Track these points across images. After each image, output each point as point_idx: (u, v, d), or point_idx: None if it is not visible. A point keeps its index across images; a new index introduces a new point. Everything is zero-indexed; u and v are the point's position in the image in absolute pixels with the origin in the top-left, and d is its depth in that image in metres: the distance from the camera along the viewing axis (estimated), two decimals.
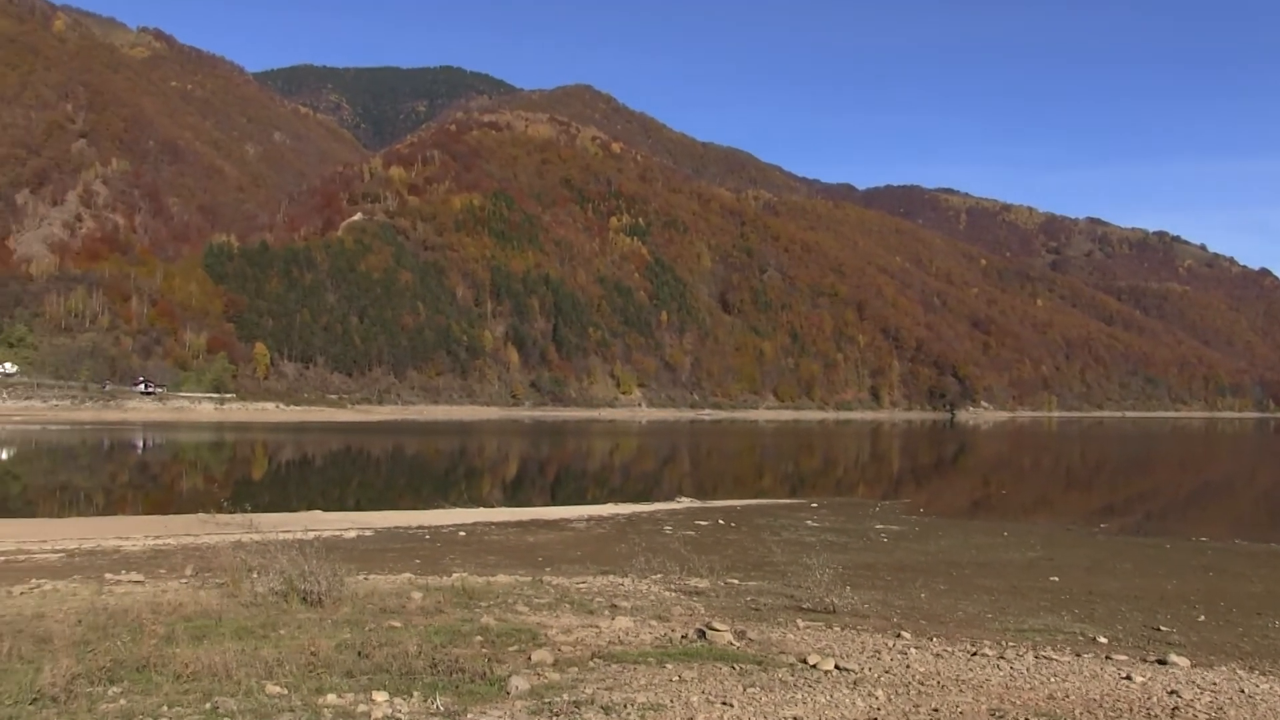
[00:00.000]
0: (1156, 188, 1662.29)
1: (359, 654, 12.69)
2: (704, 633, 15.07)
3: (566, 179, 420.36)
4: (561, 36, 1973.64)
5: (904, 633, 16.49)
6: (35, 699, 10.29)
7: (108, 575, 21.74)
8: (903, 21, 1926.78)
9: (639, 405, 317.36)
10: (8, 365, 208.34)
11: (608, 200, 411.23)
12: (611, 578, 22.64)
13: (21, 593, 18.57)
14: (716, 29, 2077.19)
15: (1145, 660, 15.07)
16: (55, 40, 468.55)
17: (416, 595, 17.87)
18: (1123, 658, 15.11)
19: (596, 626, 15.68)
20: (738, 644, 14.61)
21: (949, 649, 15.18)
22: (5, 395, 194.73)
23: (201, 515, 36.43)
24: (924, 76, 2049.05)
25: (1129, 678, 13.33)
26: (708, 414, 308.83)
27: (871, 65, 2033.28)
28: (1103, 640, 16.97)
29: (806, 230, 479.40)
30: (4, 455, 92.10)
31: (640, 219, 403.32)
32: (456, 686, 11.36)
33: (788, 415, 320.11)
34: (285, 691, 10.90)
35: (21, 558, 25.96)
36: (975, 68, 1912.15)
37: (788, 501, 55.27)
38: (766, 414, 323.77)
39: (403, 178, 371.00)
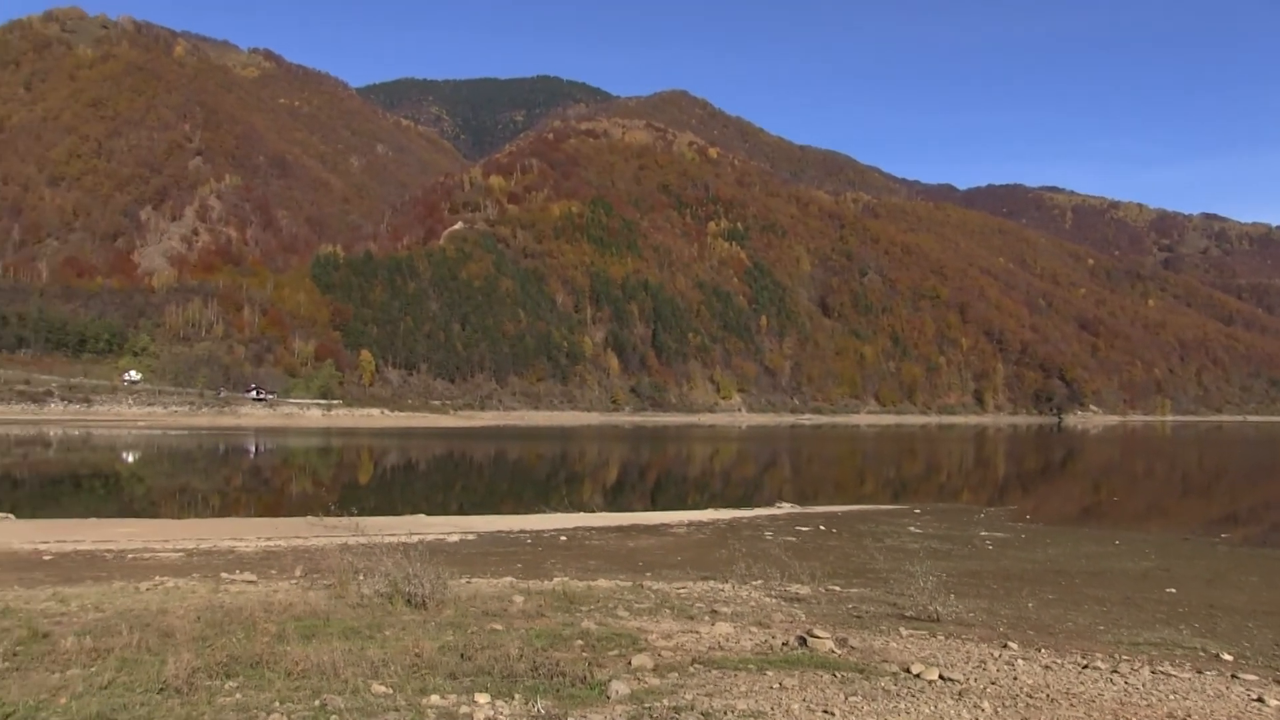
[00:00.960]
0: None
1: (462, 656, 12.86)
2: (805, 640, 14.93)
3: (664, 185, 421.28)
4: (657, 43, 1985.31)
5: (1011, 643, 16.04)
6: (161, 689, 10.85)
7: (223, 574, 22.44)
8: (1002, 17, 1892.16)
9: (739, 410, 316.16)
10: (132, 373, 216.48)
11: (705, 205, 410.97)
12: (712, 583, 22.56)
13: (147, 589, 19.33)
14: (812, 31, 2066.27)
15: (1279, 682, 14.05)
16: (175, 65, 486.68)
17: (518, 599, 18.05)
18: (1251, 678, 14.04)
19: (696, 632, 15.65)
20: (839, 652, 14.44)
21: (1058, 661, 14.68)
22: (130, 401, 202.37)
23: (310, 518, 37.29)
24: (1025, 72, 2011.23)
25: (1261, 700, 12.41)
26: (808, 419, 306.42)
27: (972, 63, 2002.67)
28: (1227, 657, 15.94)
29: (907, 232, 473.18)
30: (130, 459, 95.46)
31: (738, 223, 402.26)
32: (557, 690, 11.45)
33: (889, 420, 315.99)
34: (390, 691, 11.10)
35: (147, 555, 26.93)
36: (1077, 60, 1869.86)
37: (890, 507, 54.50)
38: (868, 419, 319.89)
39: (502, 186, 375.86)
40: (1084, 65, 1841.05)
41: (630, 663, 12.97)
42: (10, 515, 39.44)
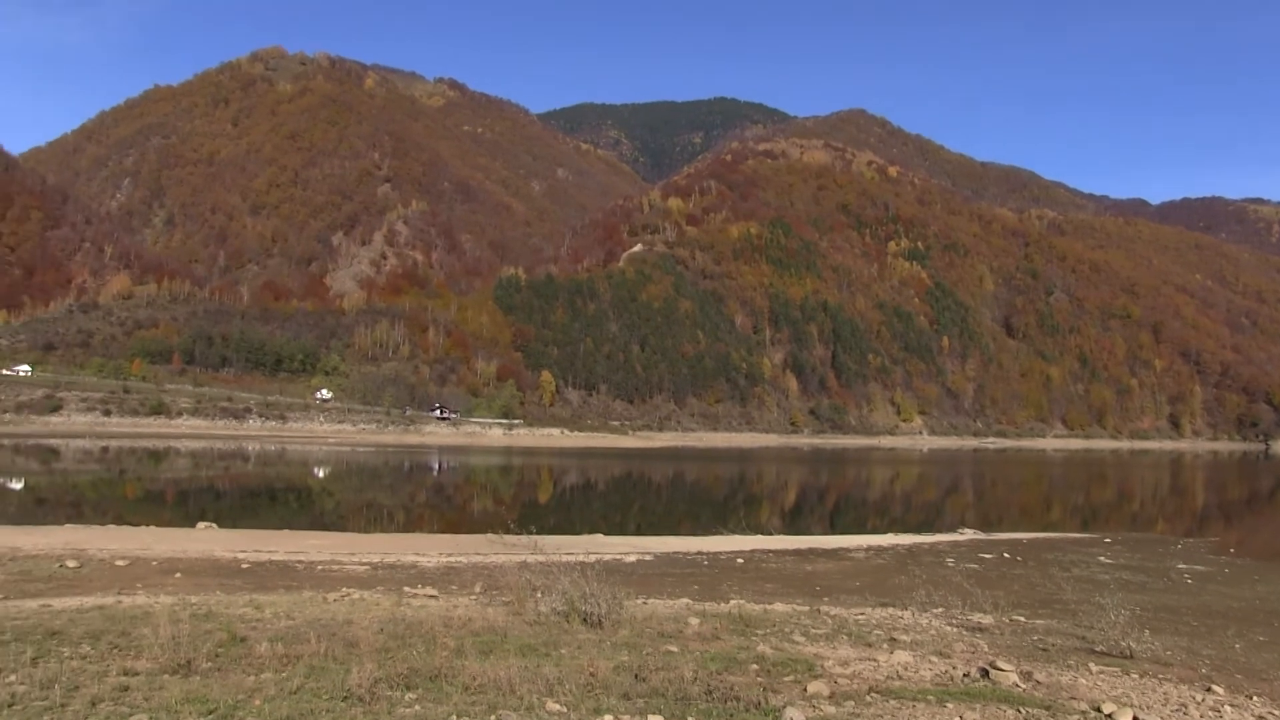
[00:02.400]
0: None
1: (636, 677, 12.83)
2: (987, 672, 14.37)
3: (843, 205, 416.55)
4: (834, 62, 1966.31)
5: (1215, 686, 14.98)
6: (345, 697, 11.29)
7: (406, 588, 23.09)
8: (1193, 15, 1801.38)
9: (920, 433, 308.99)
10: (324, 391, 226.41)
11: (885, 225, 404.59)
12: (890, 610, 22.01)
13: (335, 600, 20.09)
14: (990, 45, 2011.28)
15: None
16: (366, 96, 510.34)
17: (694, 621, 17.96)
18: None
19: (874, 660, 15.26)
20: (1024, 686, 13.83)
21: (1274, 712, 13.66)
22: (321, 419, 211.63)
23: (490, 535, 38.10)
24: (1220, 79, 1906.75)
25: None
26: (992, 442, 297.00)
27: (1158, 73, 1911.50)
28: None
29: (1095, 249, 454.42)
30: (320, 474, 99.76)
31: (919, 243, 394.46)
32: (731, 715, 11.28)
33: (1077, 444, 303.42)
34: (564, 709, 11.15)
35: (335, 568, 28.01)
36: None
37: (1078, 536, 52.24)
38: (1054, 443, 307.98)
39: (681, 208, 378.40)
40: None
41: (805, 689, 12.71)
42: (213, 524, 41.67)
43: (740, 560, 34.29)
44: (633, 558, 33.86)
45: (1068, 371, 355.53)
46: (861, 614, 20.99)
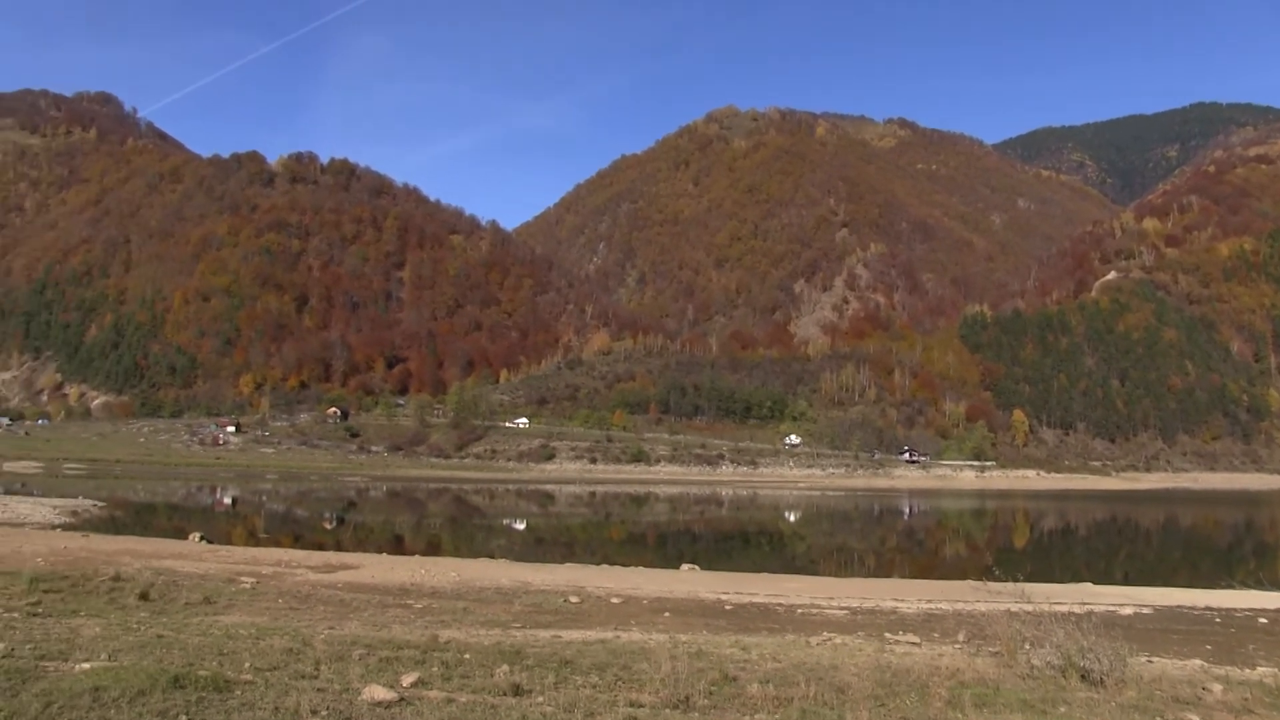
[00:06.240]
0: None
1: None
2: None
3: None
4: None
5: None
6: None
7: (886, 634, 22.65)
8: None
9: None
10: (793, 437, 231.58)
11: None
12: None
13: (817, 643, 20.12)
14: None
15: None
16: (818, 145, 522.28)
17: (1216, 688, 16.03)
18: None
19: None
20: None
21: None
22: (791, 464, 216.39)
23: (972, 582, 36.77)
24: None
25: None
26: None
27: None
28: None
29: None
30: (792, 518, 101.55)
31: None
32: None
33: None
34: None
35: (814, 611, 28.14)
36: None
37: None
38: None
39: (1158, 229, 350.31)
40: None
41: None
42: (695, 566, 43.48)
43: (1264, 620, 30.32)
44: (1128, 610, 31.15)
45: None
46: None
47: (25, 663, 12.57)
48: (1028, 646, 17.85)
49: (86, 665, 12.60)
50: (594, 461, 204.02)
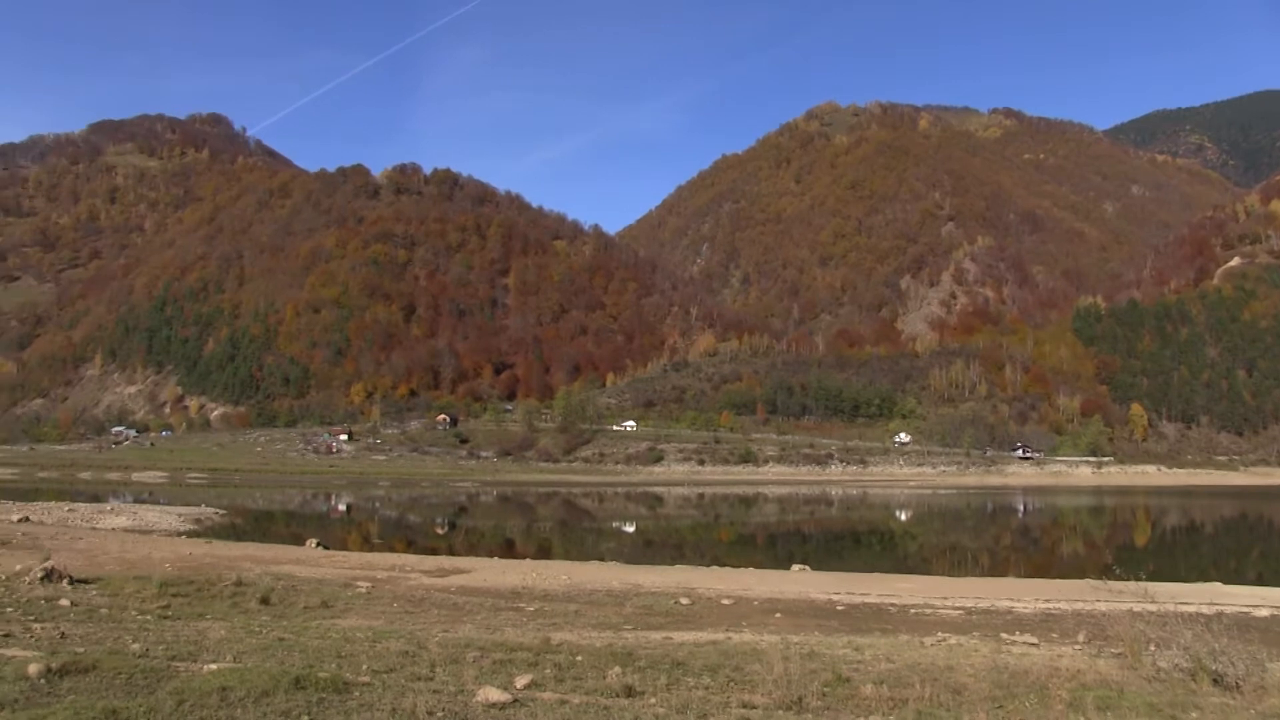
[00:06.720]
0: None
1: None
2: None
3: None
4: None
5: None
6: None
7: (1003, 635, 22.16)
8: None
9: None
10: (902, 435, 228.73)
11: None
12: None
13: (931, 644, 19.79)
14: None
15: None
16: (921, 138, 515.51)
17: None
18: None
19: None
20: None
21: None
22: (901, 462, 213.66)
23: (1091, 581, 35.73)
24: None
25: None
26: None
27: None
28: None
29: None
30: (902, 516, 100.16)
31: None
32: None
33: None
34: None
35: (927, 612, 27.67)
36: None
37: None
38: None
39: None
40: None
41: None
42: (806, 567, 43.15)
43: None
44: (1264, 611, 29.87)
45: None
46: None
47: (159, 663, 13.07)
48: (1153, 648, 17.31)
49: (214, 666, 13.03)
50: (702, 463, 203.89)
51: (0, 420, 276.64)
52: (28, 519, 55.52)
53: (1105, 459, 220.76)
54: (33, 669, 11.70)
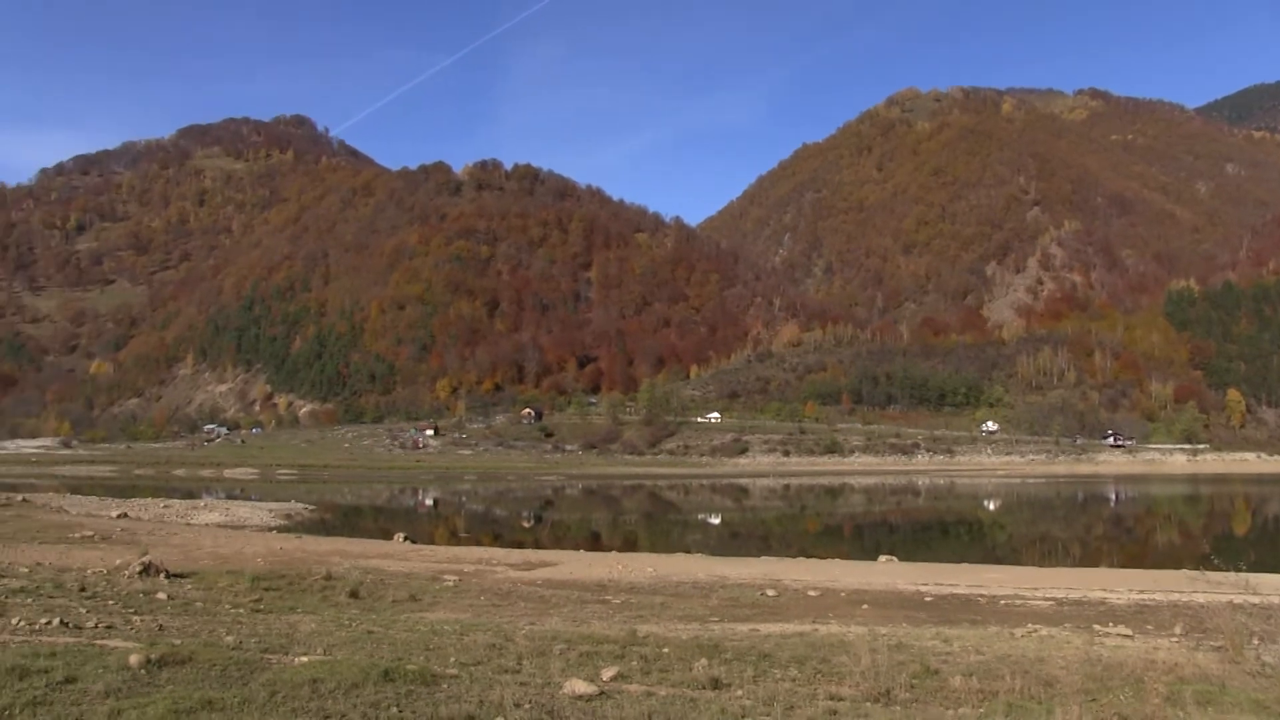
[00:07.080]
0: None
1: None
2: None
3: None
4: None
5: None
6: None
7: (1095, 626, 21.71)
8: None
9: None
10: (989, 423, 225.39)
11: None
12: None
13: (1021, 635, 19.49)
14: None
15: None
16: (1004, 122, 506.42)
17: None
18: None
19: None
20: None
21: None
22: (989, 451, 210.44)
23: (1189, 571, 34.80)
24: None
25: None
26: None
27: None
28: None
29: None
30: (990, 506, 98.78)
31: None
32: None
33: None
34: None
35: (1017, 602, 27.24)
36: None
37: None
38: None
39: None
40: None
41: None
42: (893, 557, 42.71)
43: None
44: None
45: None
46: None
47: (252, 655, 13.38)
48: (1256, 642, 16.88)
49: (305, 658, 13.32)
50: (787, 454, 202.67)
51: (99, 419, 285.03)
52: (126, 515, 57.20)
53: (1200, 446, 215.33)
54: (134, 659, 12.06)
